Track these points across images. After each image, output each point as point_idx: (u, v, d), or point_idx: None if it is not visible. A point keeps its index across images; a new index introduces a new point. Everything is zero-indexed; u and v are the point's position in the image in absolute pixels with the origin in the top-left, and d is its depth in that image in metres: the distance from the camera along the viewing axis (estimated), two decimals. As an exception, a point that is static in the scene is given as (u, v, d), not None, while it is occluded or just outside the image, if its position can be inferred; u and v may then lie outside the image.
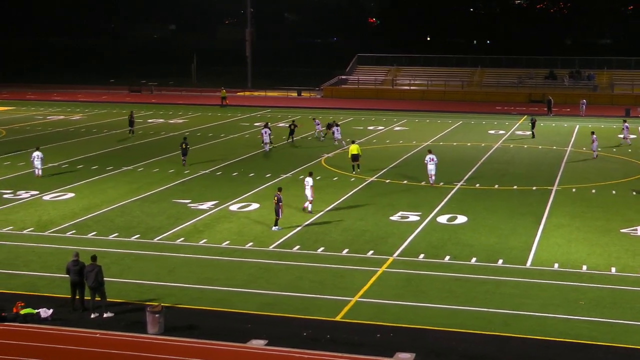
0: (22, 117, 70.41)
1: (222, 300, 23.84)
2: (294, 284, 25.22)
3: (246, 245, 29.66)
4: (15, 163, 46.23)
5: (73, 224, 32.57)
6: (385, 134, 60.81)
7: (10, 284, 25.07)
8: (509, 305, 23.36)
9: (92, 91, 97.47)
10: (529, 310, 22.98)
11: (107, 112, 74.04)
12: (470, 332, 21.45)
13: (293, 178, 42.34)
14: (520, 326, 21.87)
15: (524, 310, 23.02)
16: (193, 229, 31.98)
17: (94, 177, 42.46)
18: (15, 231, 31.39)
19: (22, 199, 36.94)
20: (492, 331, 21.52)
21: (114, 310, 22.67)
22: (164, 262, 27.57)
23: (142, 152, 50.73)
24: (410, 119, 70.73)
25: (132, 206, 35.80)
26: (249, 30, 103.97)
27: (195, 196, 37.75)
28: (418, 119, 70.87)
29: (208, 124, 66.19)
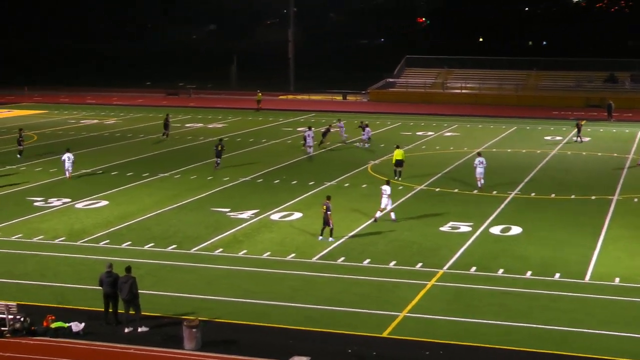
0: (55, 121, 71.35)
1: (262, 314, 23.76)
2: (338, 298, 25.05)
3: (288, 256, 29.58)
4: (47, 169, 46.79)
5: (107, 233, 32.80)
6: (434, 139, 60.41)
7: (40, 296, 25.28)
8: (566, 322, 22.94)
9: (127, 94, 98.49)
10: (588, 328, 22.55)
11: (142, 116, 74.71)
12: (524, 350, 21.11)
13: (338, 186, 42.21)
14: (578, 344, 21.46)
15: (582, 327, 22.59)
16: (232, 239, 32.00)
17: (129, 184, 42.79)
18: (46, 240, 31.70)
19: (53, 207, 37.32)
20: (548, 349, 21.14)
21: (148, 324, 22.71)
22: (201, 274, 27.60)
23: (179, 158, 51.03)
24: (462, 124, 70.20)
25: (168, 215, 35.97)
26: (292, 30, 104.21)
27: (235, 204, 37.81)
28: (470, 124, 70.31)
29: (248, 128, 66.40)
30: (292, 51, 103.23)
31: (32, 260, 29.08)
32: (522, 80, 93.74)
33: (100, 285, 23.18)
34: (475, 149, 54.78)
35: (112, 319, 22.93)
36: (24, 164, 48.16)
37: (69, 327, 22.27)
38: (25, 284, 26.54)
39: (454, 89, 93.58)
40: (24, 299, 24.48)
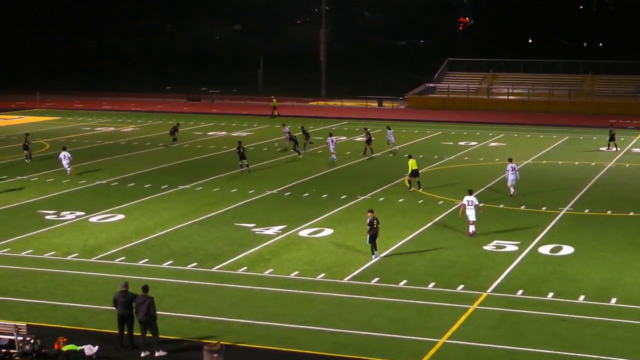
0: (68, 128, 72.17)
1: (288, 339, 23.86)
2: (371, 322, 25.10)
3: (317, 276, 29.69)
4: (60, 180, 47.34)
5: (122, 249, 33.13)
6: (478, 150, 60.30)
7: (51, 317, 25.59)
8: (624, 352, 22.79)
9: (145, 99, 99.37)
10: (649, 359, 22.42)
11: (162, 123, 75.29)
12: (577, 383, 21.02)
13: (372, 200, 42.27)
14: (638, 377, 21.34)
15: (642, 358, 22.47)
16: (258, 257, 32.17)
17: (146, 196, 43.17)
18: (58, 257, 32.08)
19: (66, 221, 37.76)
20: (604, 382, 21.06)
21: (167, 348, 22.90)
22: (224, 295, 27.78)
23: (200, 168, 51.39)
24: (508, 133, 70.01)
25: (188, 230, 36.24)
26: (324, 30, 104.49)
27: (261, 219, 38.00)
28: (517, 133, 70.10)
29: (276, 137, 66.66)
30: (323, 53, 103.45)
31: (42, 278, 29.44)
32: (575, 85, 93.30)
33: (114, 306, 23.41)
34: (524, 160, 54.67)
35: (127, 342, 23.14)
36: (36, 175, 48.77)
37: (81, 350, 22.53)
38: (36, 303, 26.88)
39: (500, 94, 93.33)
40: (34, 320, 24.81)
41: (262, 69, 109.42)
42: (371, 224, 31.58)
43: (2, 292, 27.78)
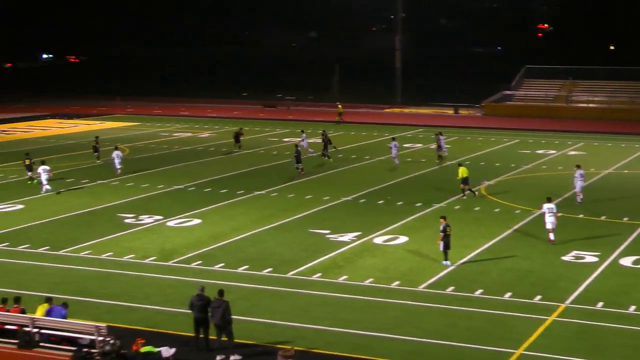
0: (147, 133, 73.31)
1: (362, 346, 23.86)
2: (445, 331, 24.95)
3: (392, 284, 29.63)
4: (139, 184, 48.10)
5: (199, 253, 33.52)
6: (557, 158, 59.46)
7: (129, 319, 26.04)
8: None
9: (222, 106, 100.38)
10: None
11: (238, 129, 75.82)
12: (658, 398, 20.58)
13: (448, 208, 42.01)
14: None
15: None
16: (332, 263, 32.24)
17: (222, 201, 43.61)
18: (136, 260, 32.62)
19: (144, 225, 38.37)
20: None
21: (241, 352, 23.09)
22: (298, 300, 27.91)
23: (276, 175, 51.70)
24: (588, 141, 68.89)
25: (264, 235, 36.51)
26: (399, 37, 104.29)
27: (335, 226, 38.07)
28: (597, 142, 68.93)
29: (351, 144, 66.72)
30: (399, 60, 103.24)
31: (121, 280, 29.98)
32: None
33: (190, 309, 23.72)
34: (604, 169, 53.78)
35: (203, 345, 23.41)
36: (116, 179, 49.63)
37: (158, 352, 22.86)
38: (115, 304, 27.39)
39: (580, 102, 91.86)
40: (112, 321, 25.28)
41: (337, 75, 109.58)
42: (444, 231, 31.55)
43: (83, 293, 28.37)
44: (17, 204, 42.80)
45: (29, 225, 38.18)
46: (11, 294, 26.34)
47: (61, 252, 33.59)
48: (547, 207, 35.15)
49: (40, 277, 30.34)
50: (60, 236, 36.18)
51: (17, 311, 24.48)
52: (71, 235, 36.24)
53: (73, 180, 49.15)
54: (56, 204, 42.78)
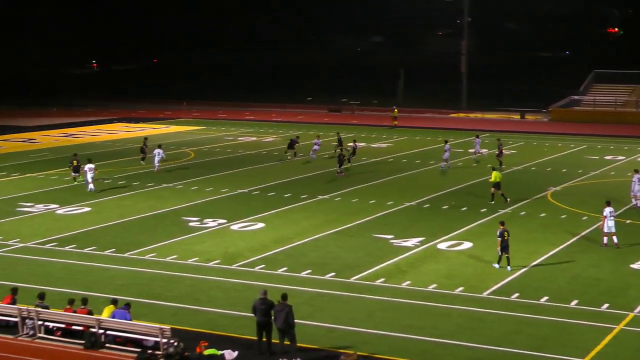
0: (212, 137, 73.95)
1: (425, 352, 23.76)
2: (510, 339, 24.70)
3: (456, 290, 29.44)
4: (203, 188, 48.54)
5: (262, 257, 33.69)
6: (626, 165, 58.44)
7: (193, 321, 26.26)
8: None
9: (287, 110, 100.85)
10: None
11: (302, 133, 75.97)
12: None
13: (513, 214, 41.63)
14: None
15: None
16: (395, 268, 32.16)
17: (286, 205, 43.78)
18: (200, 263, 32.90)
19: (209, 228, 38.69)
20: None
21: (304, 356, 23.14)
22: (360, 305, 27.88)
23: (340, 179, 51.72)
24: (658, 147, 67.65)
25: (327, 240, 36.55)
26: (465, 42, 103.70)
27: (399, 231, 37.97)
28: (667, 147, 67.67)
29: (415, 148, 66.51)
30: (464, 65, 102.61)
31: (185, 283, 30.26)
32: None
33: (253, 313, 23.84)
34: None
35: (265, 349, 23.52)
36: (181, 182, 50.16)
37: (221, 354, 23.04)
38: (179, 307, 27.66)
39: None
40: (176, 323, 25.53)
41: (402, 80, 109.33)
42: (502, 236, 31.48)
43: (148, 296, 28.71)
44: (84, 206, 43.50)
45: (95, 228, 38.76)
46: (78, 295, 26.79)
47: (127, 255, 34.05)
48: (609, 210, 34.81)
49: (106, 279, 30.78)
50: (125, 239, 36.67)
51: (83, 312, 24.90)
52: (136, 238, 36.72)
53: (139, 184, 49.78)
54: (122, 207, 43.39)
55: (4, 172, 53.88)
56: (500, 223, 32.30)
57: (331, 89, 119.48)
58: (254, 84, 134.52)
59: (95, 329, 24.15)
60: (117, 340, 24.16)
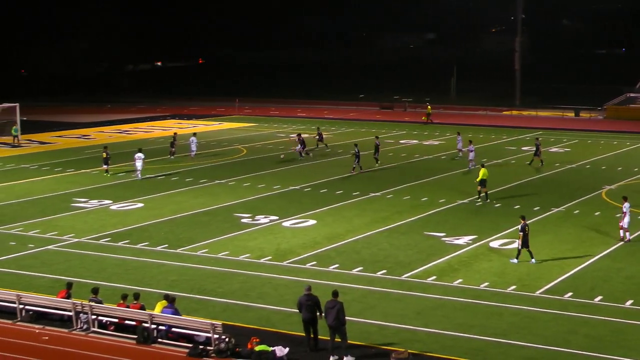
0: (264, 134, 74.22)
1: (476, 350, 23.60)
2: (563, 338, 24.44)
3: (508, 288, 29.20)
4: (255, 185, 48.73)
5: (314, 254, 33.72)
6: (682, 163, 57.52)
7: (245, 317, 26.38)
8: None
9: (339, 107, 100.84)
10: None
11: (354, 130, 76.17)
12: None
13: (567, 212, 41.20)
14: None
15: None
16: (447, 266, 32.00)
17: (337, 203, 43.77)
18: (252, 259, 33.04)
19: (260, 225, 38.83)
20: None
21: (354, 353, 23.12)
22: (412, 303, 27.79)
23: (391, 177, 51.60)
24: None
25: (378, 237, 36.49)
26: (519, 39, 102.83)
27: (451, 229, 37.78)
28: None
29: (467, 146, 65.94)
30: (518, 62, 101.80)
31: (237, 280, 30.41)
32: None
33: (299, 310, 23.92)
34: None
35: (312, 345, 23.57)
36: (233, 179, 50.39)
37: (272, 351, 23.10)
38: (231, 303, 27.81)
39: None
40: (228, 319, 25.66)
41: (455, 77, 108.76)
42: (523, 230, 31.94)
43: (200, 292, 28.91)
44: (137, 202, 43.93)
45: (148, 224, 39.12)
46: (131, 290, 27.05)
47: (179, 251, 34.31)
48: (627, 206, 35.18)
49: (159, 275, 31.04)
50: (178, 235, 36.95)
51: (136, 307, 25.15)
52: (189, 234, 36.98)
53: (191, 180, 50.13)
54: (174, 203, 43.72)
55: (59, 168, 54.62)
56: (521, 217, 32.60)
57: (383, 87, 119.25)
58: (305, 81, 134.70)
59: (147, 323, 24.38)
60: (169, 335, 24.36)
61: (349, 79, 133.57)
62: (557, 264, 31.78)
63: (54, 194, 46.01)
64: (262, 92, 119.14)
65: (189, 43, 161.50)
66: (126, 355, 23.40)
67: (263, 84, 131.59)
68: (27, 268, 31.76)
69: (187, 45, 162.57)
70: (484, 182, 43.89)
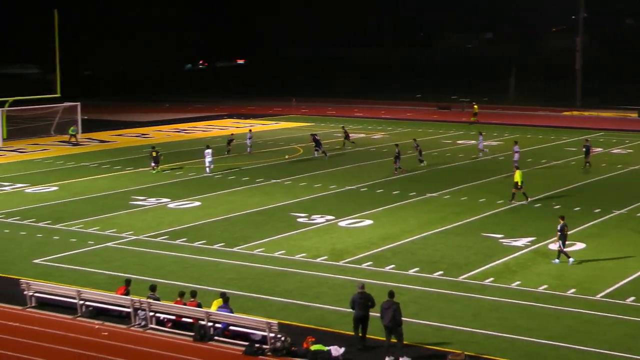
0: (321, 134, 74.14)
1: (534, 354, 23.43)
2: (625, 343, 24.14)
3: (567, 291, 28.92)
4: (311, 184, 48.87)
5: (370, 254, 33.74)
6: None
7: (301, 317, 26.51)
8: None
9: (396, 107, 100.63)
10: None
11: (411, 131, 75.88)
12: None
13: (628, 215, 40.68)
14: None
15: None
16: (504, 268, 31.79)
17: (394, 203, 43.72)
18: (308, 259, 33.16)
19: (316, 224, 38.95)
20: None
21: (410, 354, 23.11)
22: (468, 304, 27.68)
23: (450, 177, 51.39)
24: None
25: (435, 238, 36.38)
26: (581, 38, 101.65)
27: (509, 230, 37.52)
28: None
29: (527, 147, 65.45)
30: (579, 62, 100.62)
31: (293, 279, 30.55)
32: None
33: (352, 307, 24.03)
34: None
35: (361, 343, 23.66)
36: (289, 178, 50.59)
37: (328, 350, 23.18)
38: (287, 302, 27.96)
39: None
40: (284, 318, 25.81)
41: (514, 77, 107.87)
42: (562, 231, 31.88)
43: (256, 290, 29.10)
44: (194, 200, 44.34)
45: (205, 222, 39.48)
46: (188, 288, 27.32)
47: (235, 249, 34.57)
48: None
49: (216, 273, 31.32)
50: (234, 233, 37.23)
51: (193, 305, 25.41)
52: (245, 233, 37.23)
53: (247, 179, 50.45)
54: (230, 202, 44.06)
55: (118, 166, 55.38)
56: (560, 218, 32.57)
57: (441, 87, 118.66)
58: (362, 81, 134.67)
59: (204, 321, 24.62)
60: (225, 333, 24.57)
61: (406, 79, 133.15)
62: (618, 267, 31.40)
63: (113, 192, 46.68)
64: (318, 91, 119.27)
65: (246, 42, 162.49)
66: (183, 352, 23.67)
67: (320, 83, 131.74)
68: (86, 264, 32.30)
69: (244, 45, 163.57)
70: (517, 184, 43.60)
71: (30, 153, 61.94)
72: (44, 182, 49.59)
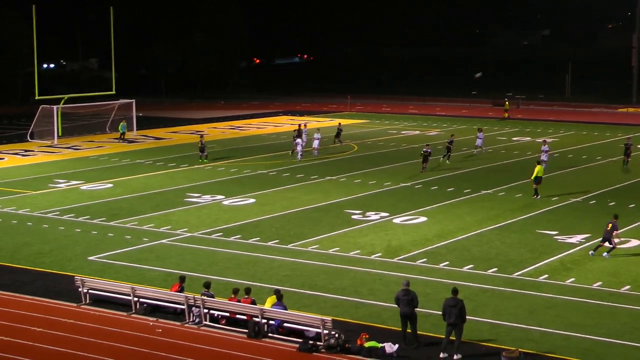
0: (375, 131, 74.13)
1: (590, 351, 23.09)
2: (682, 341, 23.67)
3: (622, 288, 28.45)
4: (366, 181, 48.74)
5: (424, 251, 33.52)
6: None
7: (355, 314, 26.40)
8: None
9: (451, 104, 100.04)
10: None
11: (466, 127, 75.39)
12: None
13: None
14: None
15: None
16: (559, 265, 31.38)
17: (448, 200, 43.41)
18: (362, 256, 33.03)
19: (371, 221, 38.80)
20: None
21: (466, 351, 22.90)
22: (523, 302, 27.36)
23: (502, 175, 50.88)
24: None
25: (490, 235, 36.04)
26: (637, 35, 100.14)
27: (564, 227, 37.04)
28: None
29: (581, 144, 64.75)
30: (635, 58, 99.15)
31: (348, 276, 30.44)
32: None
33: (396, 304, 23.90)
34: None
35: (413, 340, 23.49)
36: (344, 175, 50.49)
37: (382, 347, 23.05)
38: (341, 299, 27.86)
39: None
40: (338, 315, 25.75)
41: (570, 74, 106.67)
42: (616, 228, 32.06)
43: (311, 287, 29.05)
44: (249, 197, 44.43)
45: (259, 219, 39.51)
46: (242, 284, 27.38)
47: (290, 246, 34.55)
48: None
49: (270, 270, 31.31)
50: (289, 230, 37.21)
51: (247, 302, 25.40)
52: (299, 230, 37.21)
53: (302, 176, 50.44)
54: (286, 199, 44.06)
55: (173, 163, 55.72)
56: (614, 216, 32.52)
57: (497, 84, 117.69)
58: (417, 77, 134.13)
59: (258, 318, 24.62)
60: (279, 330, 24.56)
61: (461, 75, 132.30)
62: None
63: (167, 189, 46.95)
64: (373, 88, 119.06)
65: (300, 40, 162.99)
66: (237, 349, 23.69)
67: (375, 80, 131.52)
68: (141, 261, 32.50)
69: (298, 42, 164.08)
70: (538, 179, 43.37)
71: (85, 150, 62.53)
72: (98, 179, 50.02)
